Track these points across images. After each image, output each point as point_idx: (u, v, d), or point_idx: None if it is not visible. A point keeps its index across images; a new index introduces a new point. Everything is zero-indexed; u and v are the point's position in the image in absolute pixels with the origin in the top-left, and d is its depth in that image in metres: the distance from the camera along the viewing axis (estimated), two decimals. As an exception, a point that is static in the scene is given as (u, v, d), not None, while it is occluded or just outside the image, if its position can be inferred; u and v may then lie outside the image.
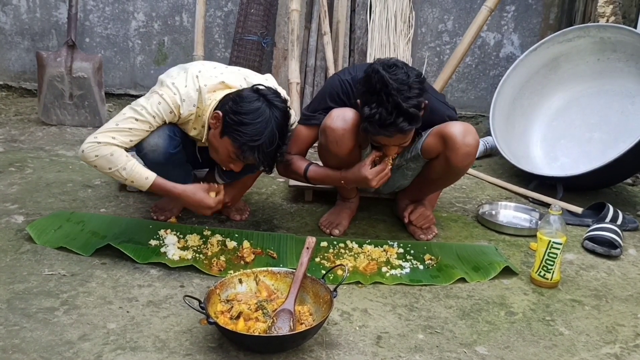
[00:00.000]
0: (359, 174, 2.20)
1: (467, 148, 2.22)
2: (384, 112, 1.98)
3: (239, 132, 2.02)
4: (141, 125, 2.11)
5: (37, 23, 4.17)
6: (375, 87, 1.98)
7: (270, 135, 2.02)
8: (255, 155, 2.02)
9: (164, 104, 2.12)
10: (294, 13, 3.48)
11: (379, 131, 2.03)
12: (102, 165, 2.08)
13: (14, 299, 1.83)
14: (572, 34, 3.34)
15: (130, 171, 2.09)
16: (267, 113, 2.02)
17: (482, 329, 1.87)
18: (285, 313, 1.73)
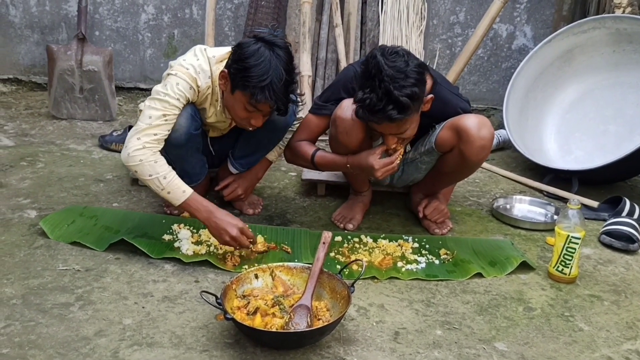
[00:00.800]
0: (366, 161, 2.17)
1: (482, 141, 2.19)
2: (375, 98, 1.94)
3: (246, 77, 2.00)
4: (171, 111, 2.11)
5: (46, 16, 4.15)
6: (370, 72, 1.96)
7: (277, 72, 2.00)
8: (267, 95, 1.99)
9: (182, 83, 2.13)
10: (305, 5, 3.45)
11: (368, 117, 2.00)
12: (143, 172, 2.06)
13: (29, 295, 1.82)
14: (588, 25, 3.29)
15: (170, 181, 2.06)
16: (268, 52, 2.01)
17: (500, 324, 1.85)
18: (302, 309, 1.71)
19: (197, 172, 2.45)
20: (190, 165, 2.38)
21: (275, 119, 2.32)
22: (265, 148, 2.49)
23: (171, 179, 2.07)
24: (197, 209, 2.08)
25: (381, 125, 2.04)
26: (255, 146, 2.47)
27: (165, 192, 2.07)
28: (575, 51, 3.39)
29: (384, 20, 3.78)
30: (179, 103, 2.12)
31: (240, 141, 2.48)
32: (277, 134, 2.43)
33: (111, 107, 3.75)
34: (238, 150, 2.50)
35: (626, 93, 3.30)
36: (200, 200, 2.10)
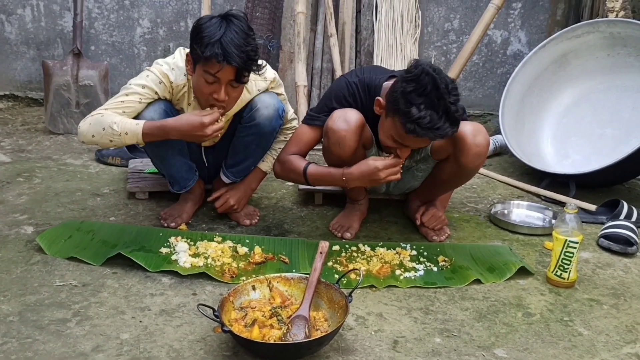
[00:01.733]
0: (368, 165, 2.12)
1: (478, 148, 2.19)
2: (435, 116, 1.93)
3: (199, 41, 2.02)
4: (131, 97, 2.17)
5: (42, 32, 4.16)
6: (426, 88, 1.92)
7: (228, 32, 2.00)
8: (216, 49, 1.98)
9: (151, 75, 2.19)
10: (300, 15, 3.46)
11: (426, 134, 1.96)
12: (96, 130, 2.12)
13: (25, 311, 1.82)
14: (581, 30, 3.30)
15: (120, 123, 2.11)
16: (219, 19, 2.04)
17: (499, 331, 1.84)
18: (300, 319, 1.70)
19: (185, 177, 2.45)
20: (175, 168, 2.39)
21: (260, 122, 2.32)
22: (254, 154, 2.48)
23: (121, 120, 2.13)
24: (159, 126, 2.13)
25: (421, 141, 2.04)
26: (244, 153, 2.46)
27: (124, 135, 2.12)
28: (570, 56, 3.40)
29: (378, 28, 3.79)
30: (143, 91, 2.17)
31: (230, 149, 2.48)
32: (264, 138, 2.41)
33: (108, 121, 3.76)
34: (229, 159, 2.50)
35: (622, 96, 3.31)
36: (156, 122, 2.15)
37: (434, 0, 4.08)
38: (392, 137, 2.08)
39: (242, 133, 2.40)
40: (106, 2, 4.11)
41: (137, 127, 2.12)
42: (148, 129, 2.13)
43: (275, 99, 2.37)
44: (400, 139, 2.06)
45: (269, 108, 2.34)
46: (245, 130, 2.38)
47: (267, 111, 2.33)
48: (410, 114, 1.94)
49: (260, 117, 2.33)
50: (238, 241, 2.31)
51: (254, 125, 2.34)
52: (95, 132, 2.13)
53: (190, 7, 4.11)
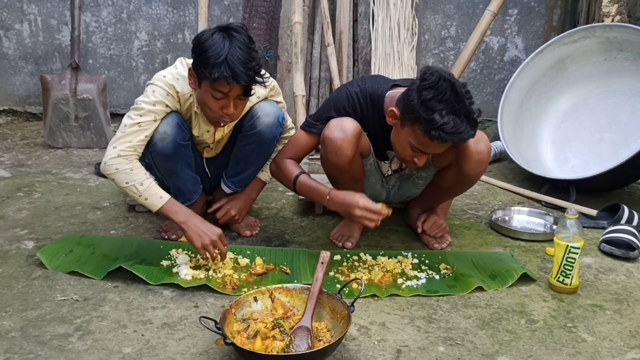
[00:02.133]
0: (351, 198, 2.12)
1: (480, 155, 2.19)
2: (458, 120, 1.94)
3: (204, 62, 2.01)
4: (146, 117, 2.16)
5: (40, 47, 4.18)
6: (445, 94, 1.93)
7: (232, 50, 1.99)
8: (223, 70, 1.98)
9: (158, 90, 2.17)
10: (297, 25, 3.47)
11: (451, 138, 1.97)
12: (120, 180, 2.13)
13: (27, 327, 1.81)
14: (578, 35, 3.31)
15: (147, 187, 2.12)
16: (221, 35, 2.02)
17: (503, 338, 1.83)
18: (302, 330, 1.70)
19: (191, 190, 2.45)
20: (182, 181, 2.39)
21: (260, 130, 2.33)
22: (255, 163, 2.48)
23: (148, 186, 2.12)
24: (175, 212, 2.14)
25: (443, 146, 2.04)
26: (245, 162, 2.46)
27: (142, 198, 2.13)
28: (567, 61, 3.41)
29: (375, 37, 3.80)
30: (155, 109, 2.16)
31: (231, 159, 2.48)
32: (265, 147, 2.42)
33: (106, 134, 3.76)
34: (230, 168, 2.50)
35: (619, 100, 3.32)
36: (177, 205, 2.16)
37: (431, 8, 4.09)
38: (412, 146, 2.07)
39: (243, 142, 2.40)
40: (103, 16, 4.12)
41: (159, 201, 2.13)
42: (166, 211, 2.14)
43: (275, 106, 2.37)
44: (421, 147, 2.06)
45: (270, 116, 2.34)
46: (247, 138, 2.38)
47: (268, 119, 2.34)
48: (433, 120, 1.94)
49: (261, 125, 2.33)
50: (239, 252, 2.31)
51: (255, 133, 2.35)
52: (118, 180, 2.13)
53: (187, 19, 4.13)
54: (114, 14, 4.12)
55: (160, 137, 2.19)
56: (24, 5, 4.10)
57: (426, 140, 1.99)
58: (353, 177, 2.31)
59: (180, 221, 2.13)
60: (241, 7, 4.05)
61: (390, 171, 2.51)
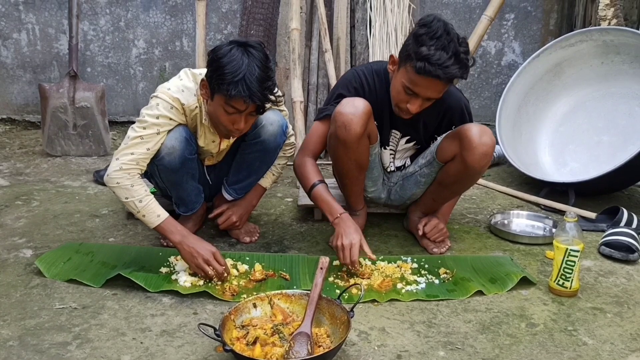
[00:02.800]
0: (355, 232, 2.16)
1: (484, 147, 2.21)
2: (444, 55, 2.01)
3: (220, 77, 2.01)
4: (149, 130, 2.14)
5: (38, 55, 4.18)
6: (436, 32, 2.02)
7: (250, 68, 1.99)
8: (240, 89, 1.98)
9: (162, 102, 2.16)
10: (294, 32, 3.48)
11: (434, 71, 2.02)
12: (120, 194, 2.13)
13: (25, 335, 1.80)
14: (575, 39, 3.32)
15: (145, 205, 2.12)
16: (240, 51, 2.02)
17: (503, 342, 1.83)
18: (302, 336, 1.69)
19: (193, 201, 2.45)
20: (186, 192, 2.39)
21: (265, 139, 2.33)
22: (257, 171, 2.49)
23: (147, 203, 2.12)
24: (171, 231, 2.14)
25: (430, 83, 2.07)
26: (248, 170, 2.47)
27: (140, 214, 2.13)
28: (564, 64, 3.42)
29: (372, 43, 3.81)
30: (158, 122, 2.15)
31: (233, 166, 2.48)
32: (268, 155, 2.42)
33: (105, 142, 3.76)
34: (232, 176, 2.50)
35: (617, 103, 3.32)
36: (174, 224, 2.16)
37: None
38: (404, 86, 2.13)
39: (246, 150, 2.40)
40: (101, 24, 4.13)
41: (156, 219, 2.13)
42: (162, 229, 2.14)
43: (279, 115, 2.38)
44: (411, 85, 2.11)
45: (274, 125, 2.34)
46: (250, 147, 2.38)
47: (272, 128, 2.34)
48: (420, 52, 2.03)
49: (266, 134, 2.33)
50: (238, 259, 2.30)
51: (260, 142, 2.35)
52: (118, 194, 2.13)
53: (185, 27, 4.13)
54: (112, 22, 4.13)
55: (168, 152, 2.18)
56: (22, 14, 4.11)
57: (415, 76, 2.06)
58: (358, 161, 2.33)
59: (175, 241, 2.13)
60: (239, 14, 4.07)
61: (393, 167, 2.52)
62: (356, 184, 2.46)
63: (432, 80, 2.06)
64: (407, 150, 2.51)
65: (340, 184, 2.54)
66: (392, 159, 2.51)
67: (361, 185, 2.49)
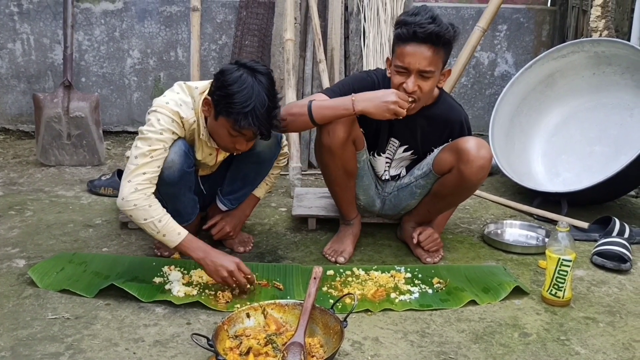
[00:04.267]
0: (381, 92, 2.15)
1: (482, 161, 2.22)
2: (420, 17, 2.10)
3: (229, 104, 2.01)
4: (156, 147, 2.11)
5: (32, 65, 4.18)
6: (417, 12, 2.14)
7: (260, 98, 2.01)
8: (250, 121, 1.99)
9: (163, 117, 2.13)
10: (289, 42, 3.50)
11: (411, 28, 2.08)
12: (138, 216, 2.08)
13: (17, 346, 1.80)
14: (567, 50, 3.35)
15: (165, 224, 2.09)
16: (250, 79, 2.02)
17: (496, 352, 1.83)
18: (295, 346, 1.69)
19: (189, 212, 2.45)
20: (183, 204, 2.38)
21: (261, 151, 2.33)
22: (252, 182, 2.49)
23: (166, 222, 2.09)
24: (193, 249, 2.11)
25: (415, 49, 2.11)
26: (243, 181, 2.47)
27: (160, 234, 2.09)
28: (556, 75, 3.44)
29: (366, 54, 3.83)
30: (163, 137, 2.12)
31: (228, 177, 2.48)
32: (264, 167, 2.43)
33: (99, 152, 3.76)
34: (226, 186, 2.50)
35: (609, 114, 3.34)
36: (195, 241, 2.12)
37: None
38: (396, 67, 2.17)
39: (241, 161, 2.41)
40: (96, 34, 4.14)
41: (177, 237, 2.10)
42: (184, 247, 2.11)
43: None
44: (399, 60, 2.15)
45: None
46: (245, 158, 2.38)
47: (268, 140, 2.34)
48: (399, 21, 2.16)
49: (261, 146, 2.34)
50: (232, 269, 2.30)
51: (255, 154, 2.35)
52: (136, 217, 2.09)
53: (180, 37, 4.15)
54: (107, 32, 4.14)
55: (168, 166, 2.16)
56: (17, 24, 4.11)
57: (399, 47, 2.14)
58: (345, 168, 2.34)
59: (198, 257, 2.10)
60: (233, 25, 4.08)
61: (388, 175, 2.53)
62: (346, 191, 2.46)
63: (415, 46, 2.11)
64: (403, 160, 2.51)
65: (332, 192, 2.54)
66: (387, 167, 2.52)
67: (352, 193, 2.50)
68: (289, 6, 3.55)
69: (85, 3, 4.08)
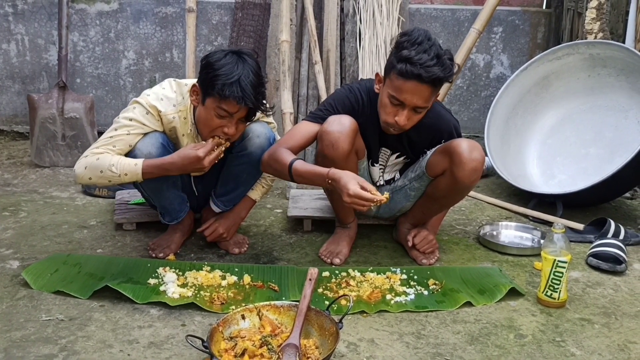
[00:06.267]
0: (345, 181, 2.03)
1: (474, 163, 2.22)
2: (426, 56, 2.03)
3: (214, 79, 2.04)
4: (119, 132, 2.19)
5: (27, 66, 4.17)
6: (418, 38, 2.07)
7: (245, 72, 2.03)
8: (235, 90, 2.01)
9: (138, 108, 2.20)
10: (284, 44, 3.49)
11: (415, 71, 2.03)
12: (93, 174, 2.16)
13: (11, 348, 1.78)
14: (562, 52, 3.35)
15: (118, 165, 2.15)
16: (234, 57, 2.06)
17: (492, 353, 1.83)
18: (290, 348, 1.69)
19: (177, 209, 2.44)
20: (169, 201, 2.38)
21: (253, 151, 2.33)
22: (245, 183, 2.49)
23: (118, 161, 2.16)
24: (159, 162, 2.17)
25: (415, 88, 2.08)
26: (235, 182, 2.46)
27: (123, 175, 2.16)
28: (552, 77, 3.45)
29: (362, 55, 3.83)
30: (130, 124, 2.19)
31: (221, 178, 2.48)
32: (256, 167, 2.41)
33: (94, 153, 3.74)
34: (219, 188, 2.50)
35: (604, 116, 3.35)
36: (155, 160, 2.18)
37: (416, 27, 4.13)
38: (389, 97, 2.14)
39: (233, 162, 2.41)
40: (91, 35, 4.13)
41: (136, 168, 2.16)
42: (147, 168, 2.17)
43: (266, 128, 2.38)
44: (396, 93, 2.11)
45: (261, 137, 2.35)
46: (237, 159, 2.38)
47: (259, 140, 2.34)
48: (401, 55, 2.06)
49: (253, 146, 2.34)
50: (227, 270, 2.29)
51: (246, 154, 2.35)
52: (92, 175, 2.17)
53: (175, 38, 4.14)
54: (102, 33, 4.13)
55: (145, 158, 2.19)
56: (12, 25, 4.10)
57: (398, 81, 2.08)
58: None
59: (165, 162, 2.17)
60: (229, 26, 4.08)
61: (382, 181, 2.52)
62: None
63: (416, 84, 2.07)
64: (396, 165, 2.51)
65: (331, 199, 2.55)
66: (381, 173, 2.52)
67: None
68: (285, 7, 3.55)
69: (80, 4, 4.07)
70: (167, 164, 2.17)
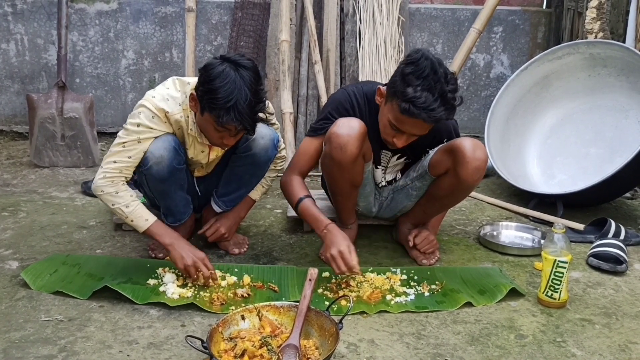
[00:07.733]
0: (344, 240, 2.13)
1: (477, 162, 2.21)
2: (430, 97, 1.99)
3: (212, 99, 2.01)
4: (130, 137, 2.16)
5: (26, 66, 4.16)
6: (423, 71, 2.00)
7: (242, 93, 2.00)
8: (232, 116, 1.99)
9: (145, 111, 2.17)
10: (284, 44, 3.49)
11: (420, 114, 2.00)
12: (106, 201, 2.18)
13: (10, 348, 1.78)
14: (562, 52, 3.35)
15: (132, 210, 2.16)
16: (233, 74, 2.01)
17: (492, 354, 1.82)
18: (290, 348, 1.68)
19: (182, 211, 2.44)
20: (174, 202, 2.38)
21: (257, 152, 2.32)
22: (247, 184, 2.48)
23: (134, 208, 2.16)
24: (161, 234, 2.19)
25: (416, 123, 2.06)
26: (238, 182, 2.46)
27: (129, 220, 2.18)
28: (552, 77, 3.44)
29: (362, 55, 3.83)
30: (138, 130, 2.16)
31: (223, 178, 2.47)
32: (259, 168, 2.42)
33: (93, 153, 3.74)
34: (221, 188, 2.49)
35: (604, 116, 3.34)
36: (164, 227, 2.22)
37: (417, 26, 4.13)
38: (389, 122, 2.12)
39: (237, 163, 2.40)
40: (90, 35, 4.12)
41: (145, 223, 2.18)
42: (151, 233, 2.19)
43: (270, 129, 2.37)
44: (397, 123, 2.10)
45: (265, 138, 2.34)
46: (241, 160, 2.38)
47: (264, 141, 2.33)
48: (405, 93, 2.00)
49: (257, 148, 2.33)
50: (227, 270, 2.29)
51: (250, 155, 2.34)
52: (105, 201, 2.19)
53: (175, 38, 4.13)
54: (101, 33, 4.12)
55: (157, 161, 2.17)
56: (11, 24, 4.09)
57: (400, 115, 2.05)
58: (352, 181, 2.32)
59: (166, 243, 2.17)
60: (229, 26, 4.07)
61: (384, 182, 2.52)
62: (349, 200, 2.46)
63: (417, 121, 2.06)
64: (397, 166, 2.51)
65: (333, 200, 2.54)
66: (383, 174, 2.51)
67: (354, 201, 2.49)
68: (285, 7, 3.55)
69: (79, 3, 4.07)
70: (167, 243, 2.18)
